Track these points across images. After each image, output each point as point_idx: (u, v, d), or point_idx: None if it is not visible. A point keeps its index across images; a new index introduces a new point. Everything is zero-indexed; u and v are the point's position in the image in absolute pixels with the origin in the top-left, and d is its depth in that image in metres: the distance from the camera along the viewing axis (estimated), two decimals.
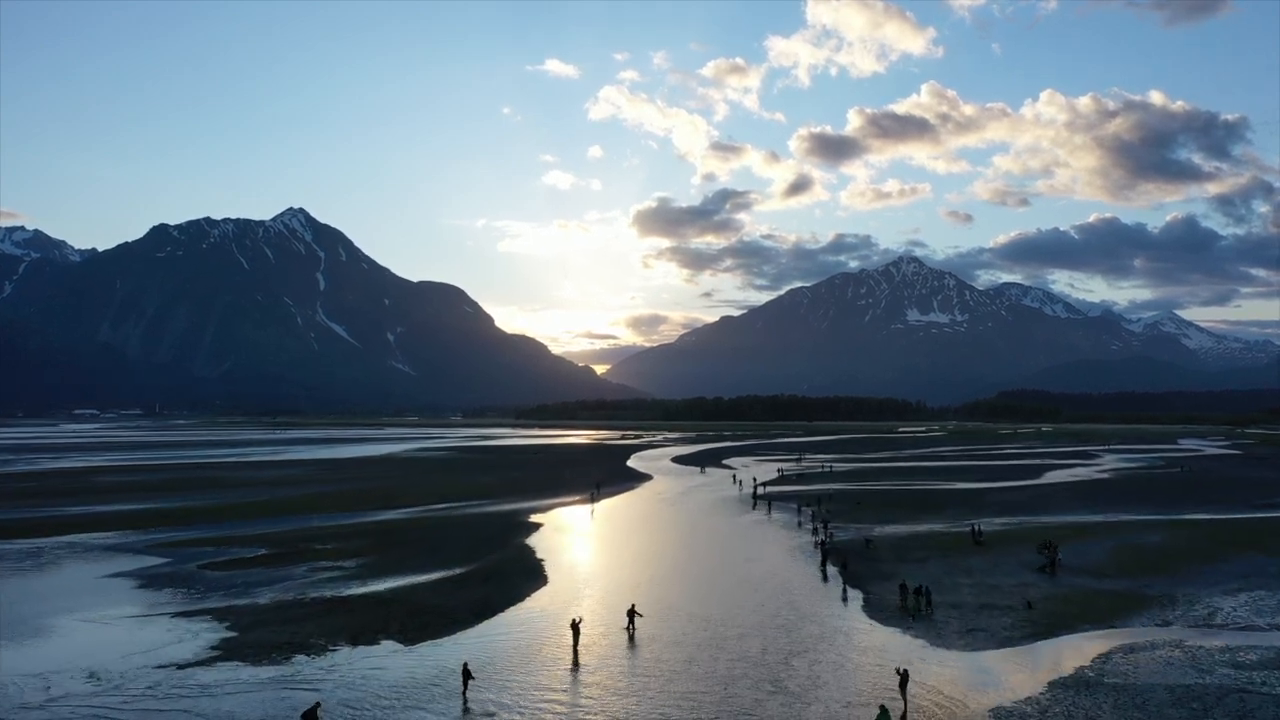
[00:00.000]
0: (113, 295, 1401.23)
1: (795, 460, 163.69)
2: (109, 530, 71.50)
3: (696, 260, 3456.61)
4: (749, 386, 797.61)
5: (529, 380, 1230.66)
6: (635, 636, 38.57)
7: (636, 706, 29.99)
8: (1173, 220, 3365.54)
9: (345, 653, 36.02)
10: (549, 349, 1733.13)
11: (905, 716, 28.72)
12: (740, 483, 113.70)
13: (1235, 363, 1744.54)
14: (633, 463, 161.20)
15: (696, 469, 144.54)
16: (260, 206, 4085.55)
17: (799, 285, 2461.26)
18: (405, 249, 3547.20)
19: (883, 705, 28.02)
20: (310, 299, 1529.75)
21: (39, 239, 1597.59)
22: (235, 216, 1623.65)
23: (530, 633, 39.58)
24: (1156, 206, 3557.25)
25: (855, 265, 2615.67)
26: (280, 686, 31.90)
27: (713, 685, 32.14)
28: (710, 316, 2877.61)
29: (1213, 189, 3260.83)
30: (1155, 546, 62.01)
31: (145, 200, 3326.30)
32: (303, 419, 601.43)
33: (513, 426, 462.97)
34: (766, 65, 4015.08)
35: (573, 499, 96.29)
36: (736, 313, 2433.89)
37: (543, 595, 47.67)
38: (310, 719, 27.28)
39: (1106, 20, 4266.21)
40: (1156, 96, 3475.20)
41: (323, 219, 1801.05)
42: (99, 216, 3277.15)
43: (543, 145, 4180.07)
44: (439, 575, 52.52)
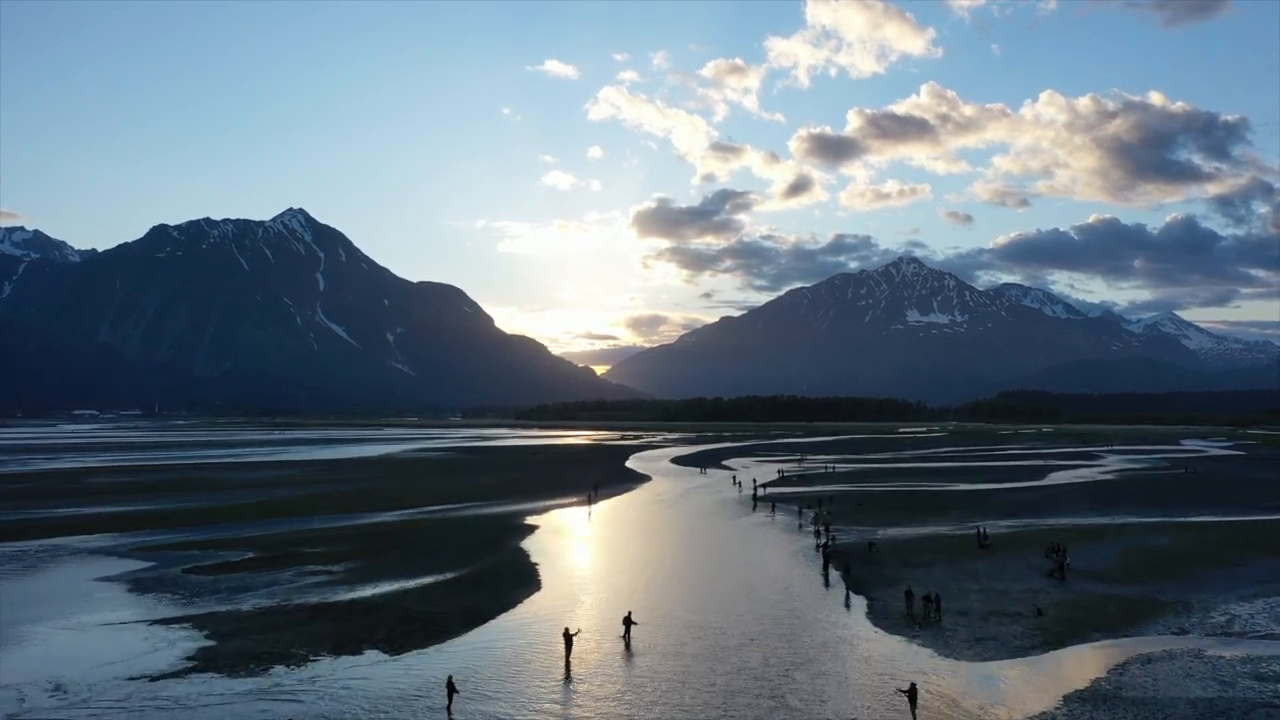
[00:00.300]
0: (112, 296, 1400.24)
1: (797, 461, 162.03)
2: (96, 533, 70.07)
3: (696, 261, 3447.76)
4: (749, 387, 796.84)
5: (529, 381, 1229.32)
6: (631, 645, 37.06)
7: None
8: (1172, 221, 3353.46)
9: (327, 663, 34.49)
10: (549, 349, 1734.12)
11: None
12: (740, 484, 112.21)
13: (1235, 363, 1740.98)
14: (631, 463, 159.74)
15: (696, 470, 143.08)
16: (260, 207, 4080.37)
17: (799, 286, 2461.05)
18: (405, 249, 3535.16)
19: None
20: (310, 299, 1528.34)
21: (39, 239, 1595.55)
22: (235, 217, 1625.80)
23: (522, 641, 38.06)
24: (1156, 207, 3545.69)
25: (855, 266, 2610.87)
26: (256, 699, 30.39)
27: (711, 699, 30.63)
28: (710, 317, 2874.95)
29: (1212, 190, 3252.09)
30: (1165, 550, 60.54)
31: (145, 200, 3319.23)
32: (302, 419, 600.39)
33: (512, 427, 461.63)
34: (766, 66, 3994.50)
35: (570, 500, 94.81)
36: (736, 313, 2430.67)
37: (536, 601, 46.18)
38: None
39: (1106, 21, 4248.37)
40: (1156, 97, 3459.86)
41: (322, 219, 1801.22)
42: (99, 217, 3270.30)
43: (542, 146, 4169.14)
44: (430, 580, 51.03)
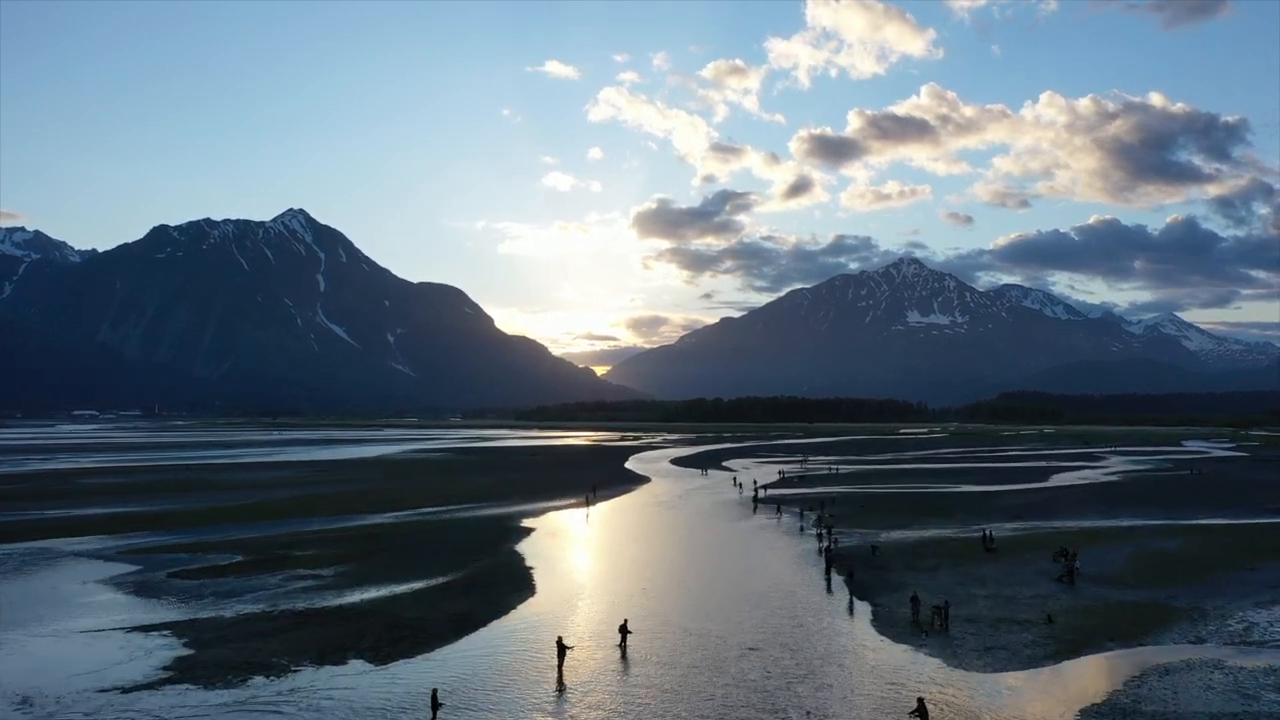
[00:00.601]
0: (112, 296, 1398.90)
1: (799, 463, 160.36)
2: (84, 535, 68.69)
3: (696, 262, 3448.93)
4: (749, 388, 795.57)
5: (529, 382, 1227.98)
6: (627, 655, 35.65)
7: None
8: (1173, 222, 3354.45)
9: (309, 673, 33.04)
10: (549, 350, 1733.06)
11: None
12: (740, 486, 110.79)
13: (1236, 364, 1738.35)
14: (631, 464, 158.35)
15: (696, 471, 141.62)
16: (260, 207, 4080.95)
17: (799, 287, 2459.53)
18: (405, 250, 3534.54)
19: None
20: (310, 300, 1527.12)
21: (39, 240, 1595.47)
22: (235, 217, 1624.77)
23: (513, 650, 36.63)
24: (1156, 208, 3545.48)
25: (855, 267, 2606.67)
26: (232, 712, 28.99)
27: (708, 713, 29.20)
28: (710, 318, 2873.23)
29: (1213, 191, 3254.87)
30: (1175, 554, 59.11)
31: (145, 201, 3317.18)
32: (302, 420, 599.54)
33: (512, 428, 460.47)
34: (766, 67, 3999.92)
35: (568, 502, 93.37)
36: (737, 314, 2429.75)
37: (530, 607, 44.75)
38: None
39: (1106, 22, 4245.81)
40: (1156, 98, 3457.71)
41: (323, 220, 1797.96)
42: (99, 217, 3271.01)
43: (543, 146, 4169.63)
44: (421, 585, 49.63)
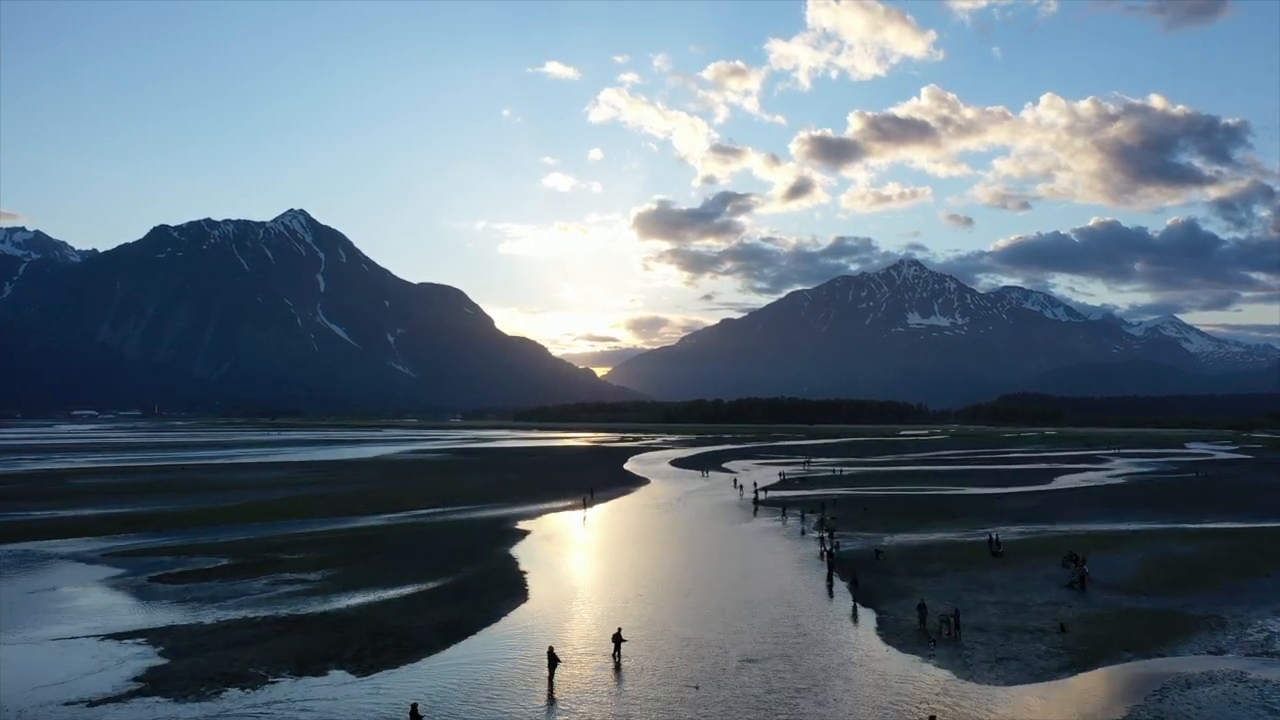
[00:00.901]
0: (113, 296, 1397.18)
1: (802, 464, 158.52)
2: (69, 537, 67.24)
3: (697, 263, 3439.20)
4: (749, 389, 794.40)
5: (529, 382, 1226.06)
6: (621, 666, 34.09)
7: None
8: (1173, 224, 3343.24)
9: (286, 685, 31.51)
10: (549, 351, 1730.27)
11: None
12: (741, 487, 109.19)
13: (1236, 367, 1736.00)
14: (630, 466, 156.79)
15: (695, 472, 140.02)
16: (260, 207, 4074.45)
17: (799, 288, 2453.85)
18: (405, 250, 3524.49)
19: None
20: (310, 300, 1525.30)
21: (39, 240, 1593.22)
22: (235, 217, 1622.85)
23: (502, 660, 35.06)
24: (1157, 210, 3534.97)
25: (856, 268, 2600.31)
26: None
27: None
28: (710, 319, 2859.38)
29: (1213, 193, 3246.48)
30: (1187, 559, 57.56)
31: (145, 201, 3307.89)
32: (301, 420, 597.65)
33: (511, 429, 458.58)
34: (767, 68, 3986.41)
35: (565, 504, 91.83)
36: (737, 315, 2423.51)
37: (521, 614, 43.19)
38: None
39: (1106, 24, 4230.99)
40: (1157, 100, 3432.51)
41: (323, 220, 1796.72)
42: (99, 217, 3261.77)
43: (543, 147, 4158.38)
44: (411, 590, 48.09)
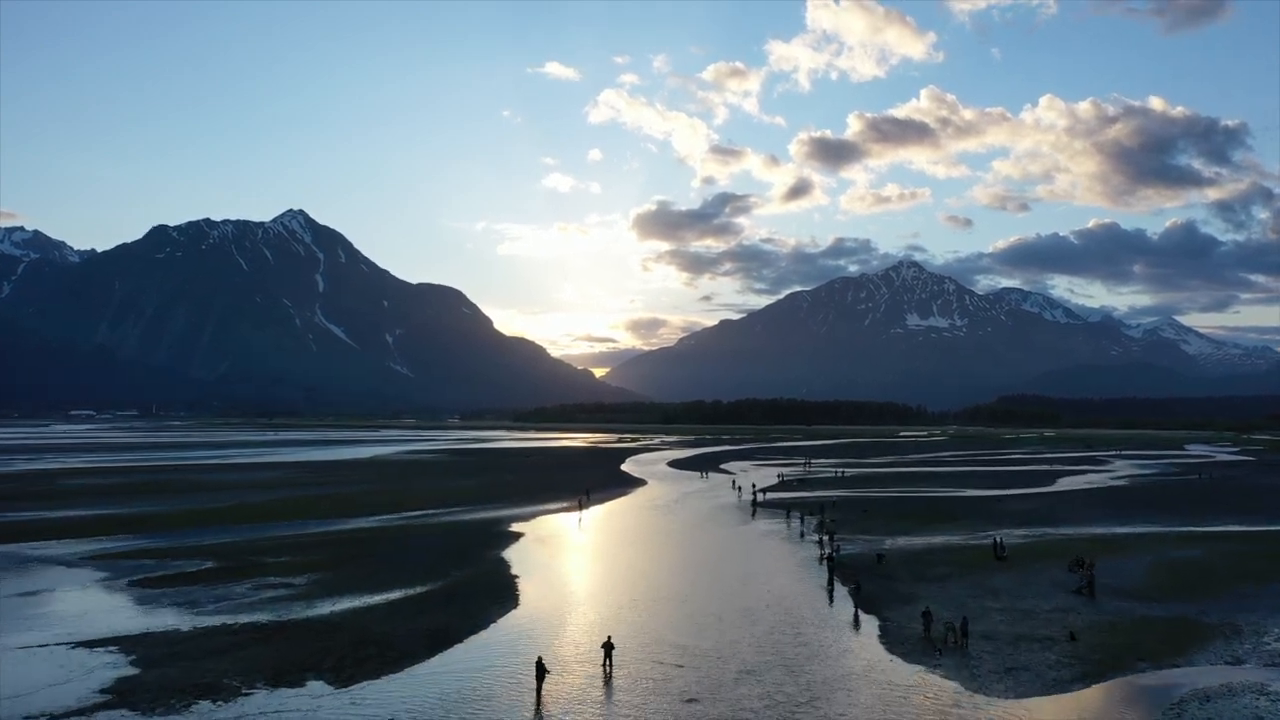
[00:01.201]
0: (111, 296, 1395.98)
1: (803, 466, 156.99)
2: (53, 539, 65.77)
3: (696, 264, 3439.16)
4: (748, 390, 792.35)
5: (528, 383, 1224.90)
6: (612, 677, 32.60)
7: None
8: (1172, 226, 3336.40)
9: (261, 697, 30.00)
10: (548, 352, 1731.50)
11: None
12: (740, 489, 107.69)
13: (1235, 369, 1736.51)
14: (627, 467, 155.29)
15: (694, 474, 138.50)
16: (260, 207, 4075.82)
17: (798, 289, 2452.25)
18: (405, 251, 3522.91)
19: None
20: (309, 300, 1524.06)
21: (38, 239, 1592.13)
22: (234, 218, 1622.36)
23: (489, 670, 33.55)
24: (1156, 212, 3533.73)
25: (855, 269, 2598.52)
26: None
27: None
28: (709, 320, 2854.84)
29: (1212, 195, 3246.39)
30: (1198, 563, 56.09)
31: (145, 201, 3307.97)
32: (299, 420, 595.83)
33: (509, 429, 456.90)
34: (766, 69, 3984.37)
35: (561, 506, 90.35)
36: (736, 316, 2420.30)
37: (511, 621, 41.68)
38: None
39: (1106, 25, 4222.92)
40: (1156, 102, 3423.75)
41: (322, 220, 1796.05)
42: (98, 217, 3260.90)
43: (542, 148, 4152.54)
44: (398, 595, 46.60)
